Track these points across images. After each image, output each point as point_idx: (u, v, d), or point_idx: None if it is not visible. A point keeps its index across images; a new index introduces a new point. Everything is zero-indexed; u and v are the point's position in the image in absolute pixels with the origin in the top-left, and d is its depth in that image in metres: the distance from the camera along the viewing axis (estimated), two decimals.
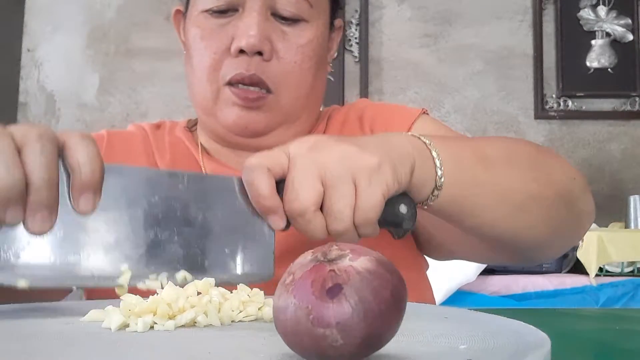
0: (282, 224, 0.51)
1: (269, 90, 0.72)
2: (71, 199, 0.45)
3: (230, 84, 0.72)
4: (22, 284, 0.44)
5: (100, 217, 0.47)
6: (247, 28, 0.70)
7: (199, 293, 0.44)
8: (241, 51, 0.71)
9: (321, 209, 0.50)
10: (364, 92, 2.68)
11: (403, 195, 0.54)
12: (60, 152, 0.45)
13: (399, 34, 2.75)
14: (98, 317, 0.42)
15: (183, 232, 0.50)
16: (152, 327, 0.39)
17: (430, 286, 0.83)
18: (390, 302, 0.29)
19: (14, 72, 2.76)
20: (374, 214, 0.50)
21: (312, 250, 0.31)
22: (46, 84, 2.78)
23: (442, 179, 0.55)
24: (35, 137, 0.43)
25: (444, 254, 0.82)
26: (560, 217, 0.65)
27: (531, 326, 0.38)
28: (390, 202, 0.53)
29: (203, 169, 0.79)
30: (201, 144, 0.82)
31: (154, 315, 0.40)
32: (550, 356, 0.33)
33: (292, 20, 0.73)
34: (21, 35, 2.79)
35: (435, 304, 0.79)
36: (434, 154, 0.55)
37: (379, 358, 0.31)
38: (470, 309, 0.49)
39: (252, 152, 0.79)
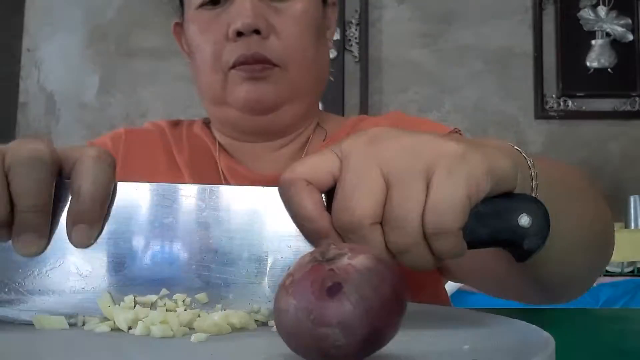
0: None
1: (274, 65, 0.73)
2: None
3: (234, 67, 0.73)
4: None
5: (116, 245, 0.41)
6: (240, 10, 0.72)
7: None
8: (239, 34, 0.72)
9: None
10: (364, 92, 2.68)
11: (524, 200, 0.40)
12: (68, 172, 0.40)
13: (399, 34, 2.74)
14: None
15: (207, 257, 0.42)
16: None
17: (447, 295, 0.82)
18: (391, 299, 0.29)
19: (14, 72, 2.76)
20: (452, 218, 0.36)
21: (310, 252, 0.31)
22: (46, 84, 2.78)
23: (536, 193, 0.44)
24: (24, 158, 0.38)
25: (448, 278, 0.79)
26: (607, 260, 0.59)
27: (535, 326, 0.38)
28: (505, 209, 0.40)
29: (219, 165, 0.80)
30: (218, 140, 0.83)
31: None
32: (555, 356, 0.33)
33: None
34: (21, 35, 2.78)
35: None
36: (529, 162, 0.44)
37: (382, 358, 0.30)
38: (472, 309, 0.49)
39: (266, 143, 0.78)
